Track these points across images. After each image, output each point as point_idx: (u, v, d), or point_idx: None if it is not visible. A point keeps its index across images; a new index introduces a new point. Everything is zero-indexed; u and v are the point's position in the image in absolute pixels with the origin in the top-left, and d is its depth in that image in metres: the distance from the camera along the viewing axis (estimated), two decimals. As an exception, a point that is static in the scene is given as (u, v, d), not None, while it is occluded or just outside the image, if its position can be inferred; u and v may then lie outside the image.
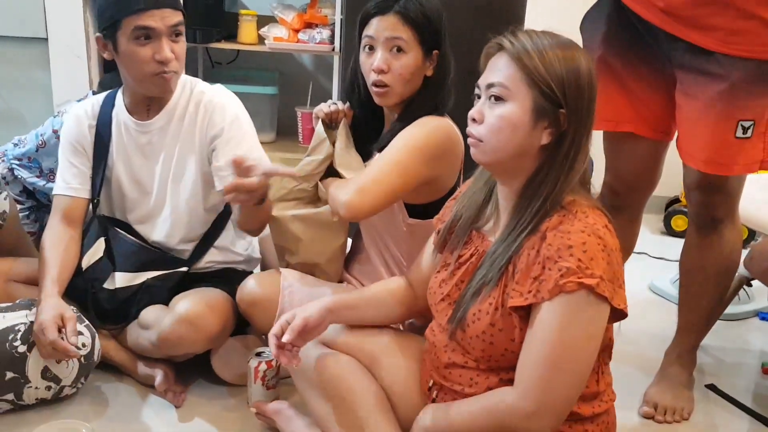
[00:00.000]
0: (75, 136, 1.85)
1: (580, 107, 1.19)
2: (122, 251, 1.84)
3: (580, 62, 1.20)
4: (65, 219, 1.82)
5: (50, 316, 1.59)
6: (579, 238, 1.14)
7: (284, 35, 2.78)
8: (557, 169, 1.20)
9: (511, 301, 1.20)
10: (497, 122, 1.21)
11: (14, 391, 1.63)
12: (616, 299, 1.16)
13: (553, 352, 1.15)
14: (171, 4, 1.68)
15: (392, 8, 1.64)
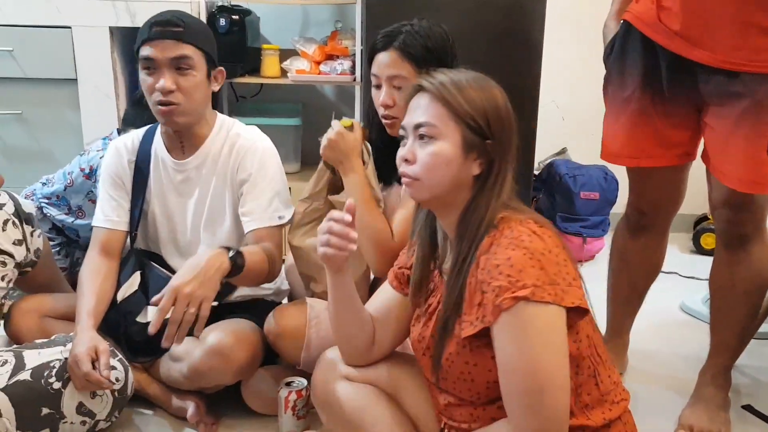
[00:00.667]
0: (115, 169, 1.89)
1: (503, 137, 1.25)
2: (156, 285, 1.85)
3: (497, 95, 1.26)
4: (103, 251, 1.86)
5: (84, 348, 1.62)
6: (504, 254, 1.15)
7: (306, 68, 2.82)
8: (488, 196, 1.24)
9: (464, 333, 1.21)
10: (431, 160, 1.24)
11: (50, 426, 1.65)
12: (567, 298, 1.14)
13: (523, 377, 1.13)
14: (177, 36, 1.70)
15: (392, 44, 1.69)
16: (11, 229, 1.79)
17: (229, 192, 1.84)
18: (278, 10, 3.12)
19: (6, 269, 1.79)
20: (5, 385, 1.62)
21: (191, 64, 1.72)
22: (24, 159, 2.63)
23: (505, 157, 1.25)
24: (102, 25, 2.52)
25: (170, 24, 1.70)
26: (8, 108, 2.60)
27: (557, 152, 3.23)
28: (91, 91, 2.58)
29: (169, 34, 1.70)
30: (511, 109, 1.27)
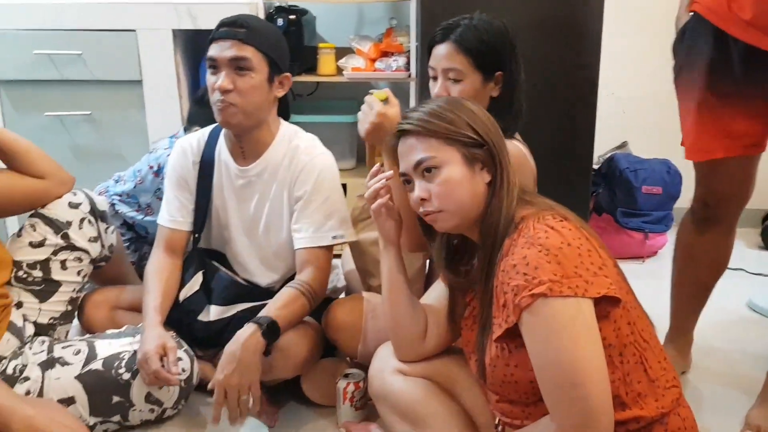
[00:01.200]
0: (180, 170, 1.92)
1: (493, 136, 1.30)
2: (217, 285, 1.91)
3: (469, 105, 1.32)
4: (167, 249, 1.91)
5: (153, 346, 1.67)
6: (520, 254, 1.16)
7: (362, 65, 2.84)
8: (500, 195, 1.27)
9: (493, 335, 1.21)
10: (444, 188, 1.27)
11: (120, 413, 1.73)
12: (592, 289, 1.12)
13: (555, 373, 1.13)
14: (238, 36, 1.72)
15: (449, 37, 1.69)
16: (87, 226, 1.87)
17: (286, 204, 1.85)
18: (334, 9, 3.16)
19: (82, 264, 1.87)
20: (79, 373, 1.70)
21: (250, 65, 1.72)
22: (93, 158, 2.72)
23: (503, 154, 1.30)
24: (165, 28, 2.59)
25: (234, 25, 1.73)
26: (78, 109, 2.68)
27: (617, 146, 3.17)
28: (156, 91, 2.65)
29: (231, 34, 1.72)
30: (487, 112, 1.34)
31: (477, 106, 1.34)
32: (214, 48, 1.73)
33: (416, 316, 1.48)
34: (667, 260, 2.05)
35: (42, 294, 1.82)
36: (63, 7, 2.57)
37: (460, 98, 1.37)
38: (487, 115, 1.33)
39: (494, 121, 1.33)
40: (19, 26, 2.58)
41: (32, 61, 2.60)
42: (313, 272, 1.78)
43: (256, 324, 1.63)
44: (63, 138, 2.70)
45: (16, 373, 1.68)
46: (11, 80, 2.65)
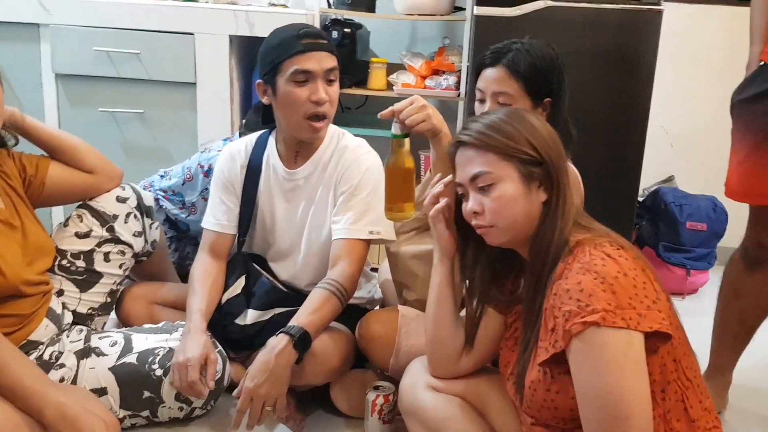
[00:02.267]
0: (227, 174, 1.94)
1: (553, 156, 1.26)
2: (258, 290, 1.92)
3: (533, 120, 1.28)
4: (212, 252, 1.93)
5: (197, 354, 1.68)
6: (574, 279, 1.13)
7: (412, 82, 2.86)
8: (553, 216, 1.24)
9: (538, 358, 1.19)
10: (498, 204, 1.26)
11: (150, 409, 1.74)
12: (644, 323, 1.10)
13: (599, 405, 1.10)
14: (328, 48, 1.76)
15: (501, 61, 1.69)
16: (133, 221, 1.90)
17: (331, 203, 1.87)
18: (388, 25, 3.18)
19: (124, 258, 1.90)
20: (113, 365, 1.72)
21: (336, 75, 1.78)
22: (142, 155, 2.77)
23: (562, 174, 1.27)
24: (222, 33, 2.63)
25: (319, 37, 1.76)
26: (131, 107, 2.74)
27: (664, 180, 3.13)
28: (209, 95, 2.69)
29: (322, 46, 1.75)
30: (551, 127, 1.30)
31: (540, 120, 1.31)
32: (308, 61, 1.73)
33: (458, 333, 1.47)
34: (707, 298, 2.02)
35: (83, 284, 1.85)
36: (125, 6, 2.64)
37: (522, 111, 1.34)
38: (550, 131, 1.30)
39: (557, 138, 1.30)
40: (81, 23, 2.65)
41: (91, 57, 2.66)
42: (345, 267, 1.77)
43: (289, 336, 1.63)
44: (114, 134, 2.76)
45: (52, 359, 1.71)
46: (69, 75, 2.72)
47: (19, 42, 2.67)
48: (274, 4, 2.76)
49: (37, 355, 1.70)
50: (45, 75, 2.71)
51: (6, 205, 1.67)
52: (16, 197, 1.71)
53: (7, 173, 1.72)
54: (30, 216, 1.74)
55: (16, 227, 1.67)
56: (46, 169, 1.78)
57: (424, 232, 1.89)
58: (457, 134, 1.33)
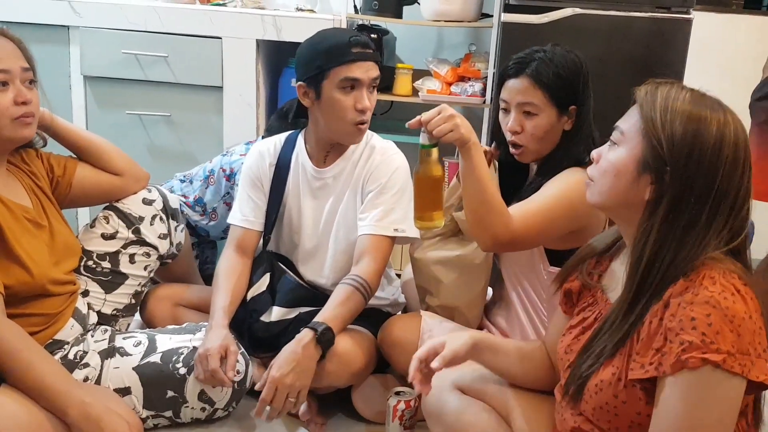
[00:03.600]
0: (256, 171, 1.97)
1: (691, 171, 1.11)
2: (282, 287, 1.94)
3: (707, 124, 1.12)
4: (239, 249, 1.94)
5: (217, 345, 1.70)
6: (703, 309, 1.06)
7: (437, 88, 2.86)
8: (666, 239, 1.12)
9: (632, 373, 1.13)
10: (606, 165, 1.21)
11: (173, 409, 1.75)
12: (754, 371, 1.05)
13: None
14: (375, 57, 1.79)
15: (524, 71, 1.67)
16: (158, 223, 1.92)
17: (359, 202, 1.88)
18: (415, 31, 3.19)
19: (150, 260, 1.92)
20: (137, 364, 1.73)
21: (377, 83, 1.82)
22: (168, 158, 2.79)
23: (688, 195, 1.11)
24: (250, 38, 2.65)
25: (368, 46, 1.79)
26: (158, 110, 2.76)
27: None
28: (235, 99, 2.70)
29: (370, 56, 1.78)
30: (734, 153, 1.11)
31: (719, 134, 1.12)
32: (358, 69, 1.77)
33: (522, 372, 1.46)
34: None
35: (108, 285, 1.86)
36: (154, 10, 2.67)
37: (713, 110, 1.14)
38: (717, 152, 1.11)
39: (716, 161, 1.11)
40: (110, 26, 2.68)
41: (119, 60, 2.69)
42: (369, 263, 1.80)
43: (313, 331, 1.67)
44: (141, 136, 2.79)
45: (76, 359, 1.72)
46: (98, 77, 2.75)
47: (49, 44, 2.70)
48: (302, 9, 2.78)
49: (62, 355, 1.71)
50: (74, 77, 2.75)
51: (34, 205, 1.69)
52: (43, 197, 1.73)
53: (35, 173, 1.74)
54: (57, 216, 1.76)
55: (44, 227, 1.69)
56: (74, 170, 1.81)
57: (449, 238, 1.89)
58: (645, 85, 1.22)
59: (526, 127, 1.68)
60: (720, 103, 1.16)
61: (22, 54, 1.62)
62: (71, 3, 2.67)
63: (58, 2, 2.66)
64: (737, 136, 1.12)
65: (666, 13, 2.40)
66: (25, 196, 1.68)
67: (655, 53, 2.42)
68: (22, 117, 1.58)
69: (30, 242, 1.63)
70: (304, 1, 2.81)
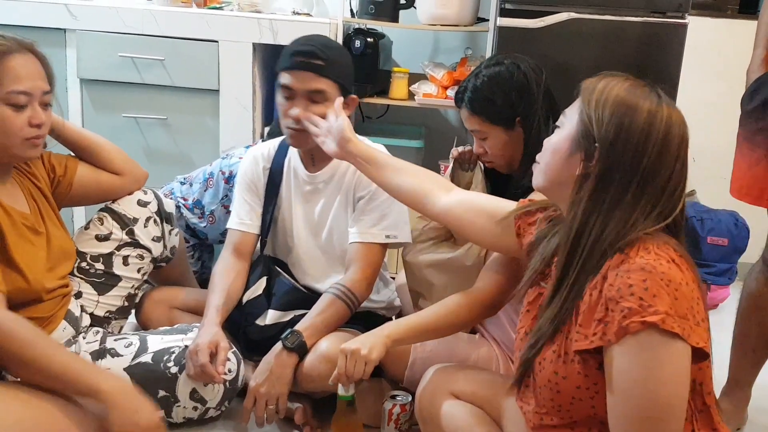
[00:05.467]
0: (251, 175, 1.98)
1: (617, 151, 1.16)
2: (278, 290, 1.94)
3: (637, 111, 1.16)
4: (236, 252, 1.95)
5: (206, 341, 1.71)
6: (639, 276, 1.09)
7: (433, 92, 2.86)
8: (594, 211, 1.17)
9: (576, 345, 1.16)
10: (547, 145, 1.27)
11: (165, 409, 1.74)
12: (693, 336, 1.08)
13: (640, 403, 1.08)
14: (314, 69, 1.75)
15: (462, 102, 1.76)
16: (152, 226, 1.92)
17: (350, 207, 1.89)
18: (411, 35, 3.20)
19: (143, 262, 1.92)
20: (128, 365, 1.73)
21: (326, 97, 1.77)
22: (164, 161, 2.79)
23: (620, 174, 1.16)
24: (246, 41, 2.66)
25: (313, 56, 1.75)
26: (154, 113, 2.76)
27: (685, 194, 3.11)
28: (231, 102, 2.71)
29: (310, 66, 1.75)
30: (663, 139, 1.16)
31: (650, 120, 1.17)
32: (291, 78, 1.76)
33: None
34: (727, 314, 1.99)
35: (101, 287, 1.86)
36: (151, 13, 2.67)
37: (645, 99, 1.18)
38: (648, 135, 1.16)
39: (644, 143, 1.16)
40: (106, 29, 2.69)
41: (116, 63, 2.69)
42: (357, 271, 1.82)
43: (281, 339, 1.75)
44: (137, 139, 2.79)
45: (68, 360, 1.72)
46: (94, 80, 2.75)
47: (46, 47, 2.61)
48: (298, 13, 2.78)
49: (69, 349, 1.71)
50: (70, 80, 2.75)
51: (32, 211, 1.68)
52: (42, 200, 1.73)
53: (35, 175, 1.74)
54: (54, 219, 1.76)
55: (41, 233, 1.69)
56: (75, 169, 1.81)
57: (442, 242, 1.90)
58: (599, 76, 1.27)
59: (486, 148, 1.77)
60: (659, 94, 1.20)
61: (45, 74, 1.62)
62: (68, 6, 2.67)
63: (54, 5, 2.67)
64: (669, 125, 1.17)
65: (661, 17, 2.41)
66: (24, 202, 1.68)
67: (650, 58, 2.43)
68: (33, 139, 1.59)
69: (27, 250, 1.63)
70: (300, 5, 2.82)
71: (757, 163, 1.79)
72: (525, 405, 1.30)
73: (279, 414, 1.72)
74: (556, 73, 1.86)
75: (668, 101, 1.20)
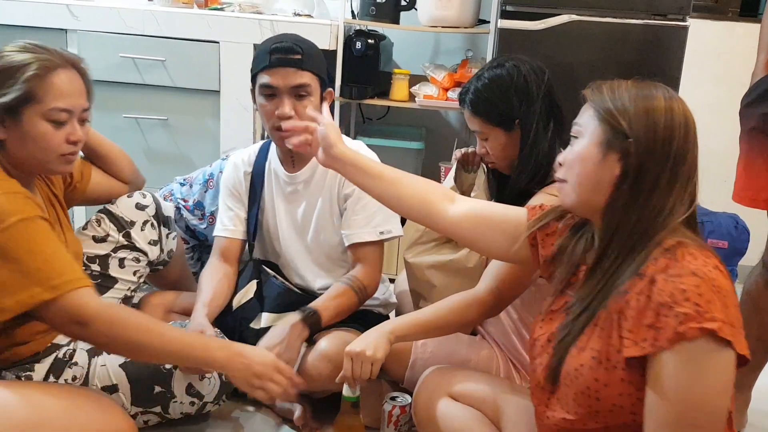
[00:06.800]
0: (232, 181, 1.98)
1: (652, 140, 1.16)
2: (270, 293, 1.94)
3: (654, 98, 1.17)
4: (222, 257, 1.96)
5: (191, 330, 1.71)
6: (691, 281, 1.07)
7: (434, 93, 2.86)
8: (631, 206, 1.16)
9: (626, 351, 1.12)
10: (572, 158, 1.22)
11: (161, 405, 1.74)
12: (739, 345, 1.07)
13: (686, 409, 1.07)
14: (295, 64, 1.74)
15: (465, 103, 1.76)
16: (149, 229, 1.92)
17: (336, 205, 1.89)
18: (412, 37, 3.20)
19: (139, 266, 1.92)
20: (124, 361, 1.72)
21: (309, 90, 1.77)
22: (165, 162, 2.79)
23: (654, 164, 1.16)
24: (247, 42, 2.65)
25: (291, 52, 1.75)
26: (155, 113, 2.76)
27: (698, 180, 3.11)
28: (232, 103, 2.71)
29: (290, 62, 1.74)
30: (685, 123, 1.17)
31: (669, 106, 1.18)
32: (273, 76, 1.75)
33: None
34: (728, 317, 1.98)
35: (97, 288, 1.83)
36: (152, 14, 2.67)
37: (656, 88, 1.20)
38: (672, 122, 1.17)
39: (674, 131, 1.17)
40: (107, 29, 2.69)
41: (117, 63, 2.69)
42: (365, 268, 1.85)
43: (301, 312, 1.73)
44: (138, 139, 2.79)
45: (66, 358, 1.71)
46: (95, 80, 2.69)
47: None
48: (299, 14, 2.78)
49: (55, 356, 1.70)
50: (71, 80, 2.75)
51: (50, 215, 1.67)
52: (57, 205, 1.74)
53: (51, 179, 1.74)
54: (67, 223, 1.76)
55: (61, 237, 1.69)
56: (90, 176, 1.83)
57: (444, 244, 1.90)
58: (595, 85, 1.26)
59: (488, 149, 1.77)
60: (661, 85, 1.21)
61: (86, 91, 1.62)
62: (69, 6, 2.67)
63: (56, 6, 2.67)
64: (684, 107, 1.19)
65: (662, 20, 2.41)
66: (45, 208, 1.67)
67: (651, 60, 2.43)
68: (69, 155, 1.59)
69: None
70: (301, 6, 2.82)
71: (753, 162, 1.79)
72: (551, 412, 1.26)
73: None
74: (557, 75, 1.85)
75: (669, 88, 1.21)
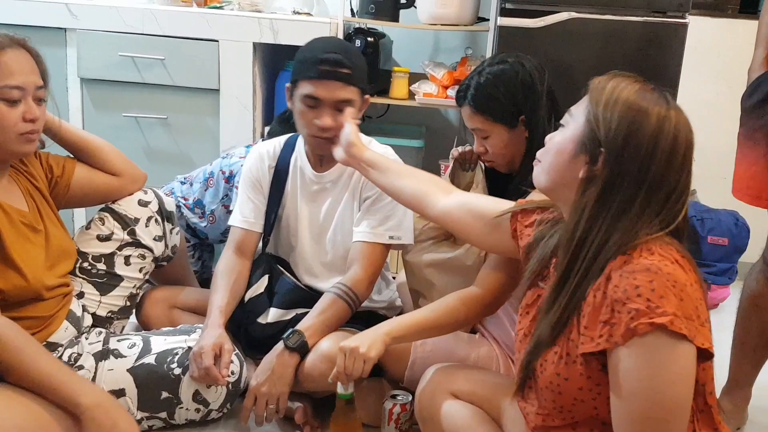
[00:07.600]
0: (255, 173, 1.97)
1: (626, 158, 1.13)
2: (280, 289, 1.94)
3: (646, 115, 1.14)
4: (238, 250, 1.95)
5: (211, 343, 1.71)
6: (645, 277, 1.08)
7: (434, 91, 2.86)
8: (596, 213, 1.15)
9: (582, 347, 1.15)
10: (550, 145, 1.24)
11: (167, 410, 1.75)
12: (699, 337, 1.08)
13: (646, 404, 1.08)
14: (343, 78, 1.73)
15: (465, 100, 1.75)
16: (153, 225, 1.92)
17: (356, 208, 1.89)
18: (411, 34, 3.20)
19: (145, 262, 1.92)
20: (132, 366, 1.73)
21: (352, 104, 1.77)
22: (164, 160, 2.79)
23: (622, 180, 1.14)
24: (246, 41, 2.65)
25: (340, 65, 1.73)
26: (155, 112, 2.76)
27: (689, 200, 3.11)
28: (232, 101, 2.71)
29: (338, 75, 1.73)
30: (671, 148, 1.14)
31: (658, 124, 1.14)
32: (318, 88, 1.74)
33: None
34: (728, 314, 2.00)
35: (103, 287, 1.86)
36: (151, 13, 2.67)
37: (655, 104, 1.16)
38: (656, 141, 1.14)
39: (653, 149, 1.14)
40: (107, 28, 2.69)
41: (116, 62, 2.69)
42: (357, 271, 1.82)
43: (283, 339, 1.74)
44: (137, 138, 2.79)
45: (71, 361, 1.72)
46: (94, 79, 2.75)
47: (46, 46, 2.67)
48: (298, 12, 2.78)
49: (56, 357, 1.71)
50: (71, 79, 2.75)
51: (30, 208, 1.69)
52: (40, 199, 1.73)
53: (33, 175, 1.74)
54: (53, 218, 1.76)
55: (40, 231, 1.69)
56: (72, 170, 1.81)
57: (442, 242, 1.90)
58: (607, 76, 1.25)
59: (487, 147, 1.76)
60: (668, 99, 1.18)
61: (39, 69, 1.62)
62: (68, 5, 2.67)
63: (55, 4, 2.67)
64: (677, 131, 1.15)
65: (661, 17, 2.41)
66: (22, 200, 1.68)
67: (650, 57, 2.43)
68: (28, 134, 1.59)
69: (26, 247, 1.63)
70: (301, 5, 2.82)
71: (756, 162, 1.79)
72: (527, 406, 1.30)
73: (279, 413, 1.72)
74: (557, 72, 1.86)
75: (676, 106, 1.18)
